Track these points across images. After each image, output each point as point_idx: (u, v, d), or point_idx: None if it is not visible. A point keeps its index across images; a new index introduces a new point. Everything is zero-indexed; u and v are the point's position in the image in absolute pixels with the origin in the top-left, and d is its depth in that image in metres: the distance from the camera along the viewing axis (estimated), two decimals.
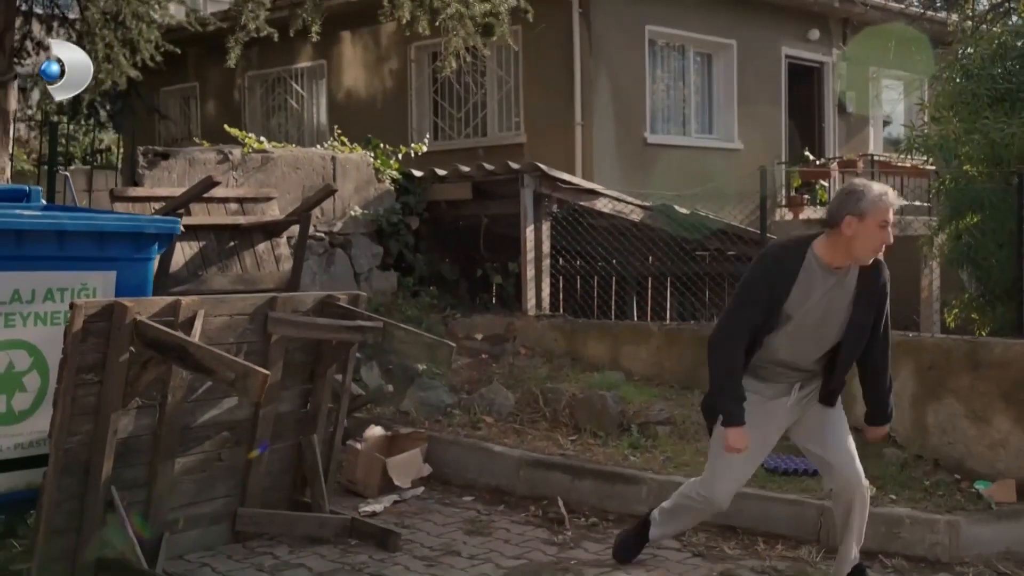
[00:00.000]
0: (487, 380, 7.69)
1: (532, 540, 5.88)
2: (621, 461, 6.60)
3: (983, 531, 5.88)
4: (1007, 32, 9.32)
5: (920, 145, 8.71)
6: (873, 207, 4.58)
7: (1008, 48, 8.92)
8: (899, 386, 6.79)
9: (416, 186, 9.01)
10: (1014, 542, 5.91)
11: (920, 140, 8.71)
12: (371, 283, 8.53)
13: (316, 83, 17.43)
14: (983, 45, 9.08)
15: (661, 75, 15.31)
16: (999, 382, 6.44)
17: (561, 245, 9.13)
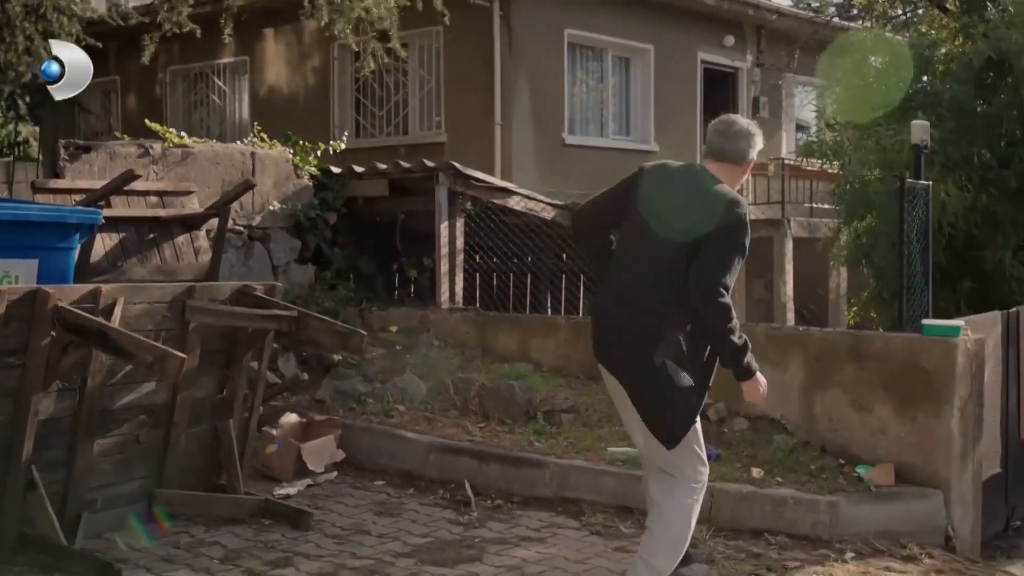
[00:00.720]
0: (401, 370, 7.95)
1: (439, 520, 6.16)
2: (526, 447, 6.92)
3: (862, 511, 6.30)
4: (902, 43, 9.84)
5: (815, 150, 9.17)
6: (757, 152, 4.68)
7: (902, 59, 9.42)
8: (789, 377, 7.23)
9: (334, 182, 9.25)
10: (891, 521, 6.34)
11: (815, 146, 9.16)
12: (289, 276, 8.76)
13: (239, 79, 17.49)
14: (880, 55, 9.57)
15: (580, 78, 15.67)
16: (880, 373, 6.88)
17: (477, 242, 9.44)
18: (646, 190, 4.54)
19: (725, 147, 4.58)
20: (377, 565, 5.34)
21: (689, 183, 4.55)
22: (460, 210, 8.94)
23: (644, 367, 4.42)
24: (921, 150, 7.48)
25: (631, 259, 4.53)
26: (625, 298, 4.49)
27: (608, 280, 4.68)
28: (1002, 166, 9.23)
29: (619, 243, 4.67)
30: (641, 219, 4.49)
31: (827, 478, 6.63)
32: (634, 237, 4.54)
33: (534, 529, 6.05)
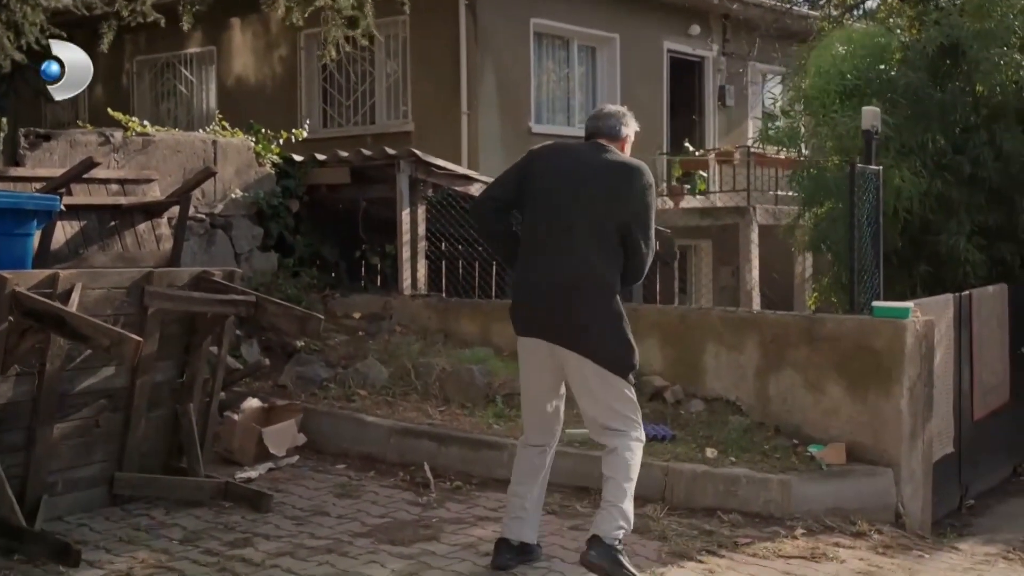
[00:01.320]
0: (363, 356, 8.03)
1: (398, 502, 6.25)
2: (485, 429, 7.02)
3: (813, 489, 6.44)
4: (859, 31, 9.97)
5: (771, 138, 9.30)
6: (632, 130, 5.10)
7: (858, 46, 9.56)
8: (744, 359, 7.38)
9: (296, 170, 9.30)
10: (841, 498, 6.49)
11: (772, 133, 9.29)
12: (252, 263, 8.81)
13: (205, 69, 17.45)
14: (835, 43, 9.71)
15: (546, 67, 15.73)
16: (832, 355, 7.02)
17: (441, 229, 9.51)
18: (552, 166, 4.86)
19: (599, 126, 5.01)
20: (335, 544, 5.42)
21: (593, 155, 4.87)
22: (422, 197, 9.01)
23: (600, 318, 4.73)
24: (872, 135, 7.61)
25: (557, 230, 4.74)
26: (564, 266, 4.72)
27: (532, 257, 4.84)
28: (956, 152, 9.38)
29: (532, 221, 4.84)
30: (556, 193, 4.75)
31: (780, 457, 6.77)
32: (551, 211, 4.75)
33: (491, 509, 6.14)
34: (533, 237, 4.84)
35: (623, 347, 4.82)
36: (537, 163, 4.91)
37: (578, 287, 4.72)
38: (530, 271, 4.86)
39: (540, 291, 4.81)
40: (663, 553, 5.47)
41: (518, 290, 4.97)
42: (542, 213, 4.78)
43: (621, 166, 4.82)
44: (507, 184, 4.93)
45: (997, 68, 8.91)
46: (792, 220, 10.93)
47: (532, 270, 4.85)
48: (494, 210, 4.96)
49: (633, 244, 4.77)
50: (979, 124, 9.41)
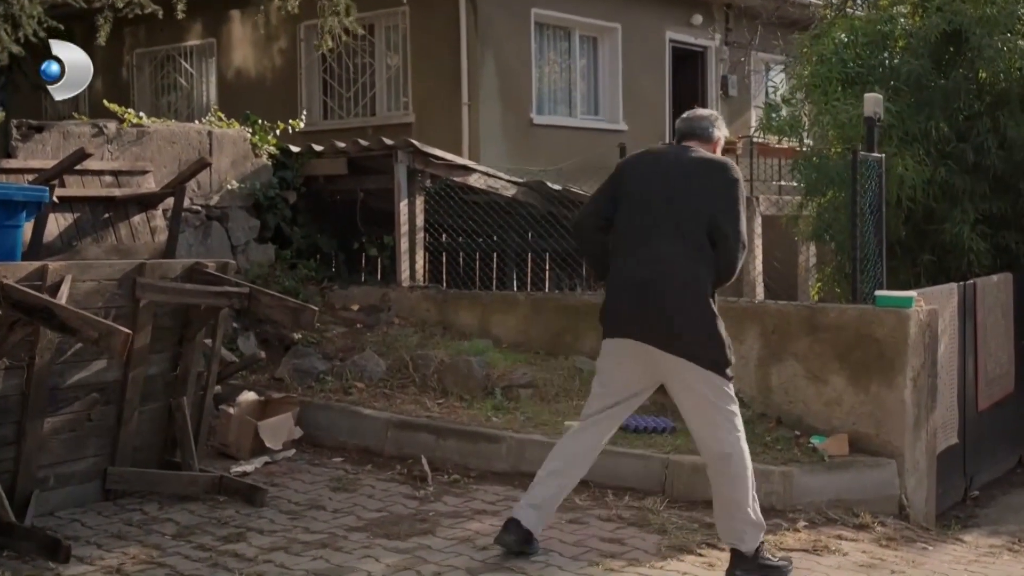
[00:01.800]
0: (360, 348, 7.96)
1: (395, 495, 6.19)
2: (484, 422, 6.95)
3: (815, 481, 6.35)
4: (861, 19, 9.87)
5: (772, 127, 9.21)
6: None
7: (860, 34, 9.45)
8: (745, 349, 7.28)
9: (293, 161, 9.22)
10: (844, 490, 6.41)
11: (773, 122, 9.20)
12: (248, 256, 8.73)
13: (205, 61, 17.37)
14: (837, 31, 9.60)
15: (548, 57, 15.62)
16: (834, 345, 6.93)
17: (441, 220, 9.43)
18: (640, 171, 4.95)
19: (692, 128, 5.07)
20: (329, 539, 5.36)
21: (679, 155, 4.94)
22: (420, 188, 8.93)
23: (692, 317, 4.74)
24: (873, 122, 7.51)
25: (646, 231, 4.81)
26: (655, 265, 4.76)
27: (623, 259, 4.88)
28: (960, 140, 9.28)
29: (623, 225, 4.90)
30: (645, 195, 4.85)
31: (782, 449, 6.69)
32: (640, 213, 4.84)
33: (489, 503, 6.08)
34: (624, 240, 4.90)
35: (716, 344, 4.80)
36: (626, 170, 5.03)
37: (670, 285, 4.74)
38: (622, 273, 4.90)
39: (632, 292, 4.84)
40: (663, 547, 5.40)
41: (610, 292, 4.98)
42: (632, 215, 4.87)
43: (705, 162, 4.87)
44: (603, 199, 5.02)
45: (1000, 55, 8.80)
46: (795, 209, 10.83)
47: (624, 272, 4.89)
48: (595, 227, 5.02)
49: (722, 239, 4.75)
50: (983, 111, 9.30)
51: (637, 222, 4.85)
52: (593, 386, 5.19)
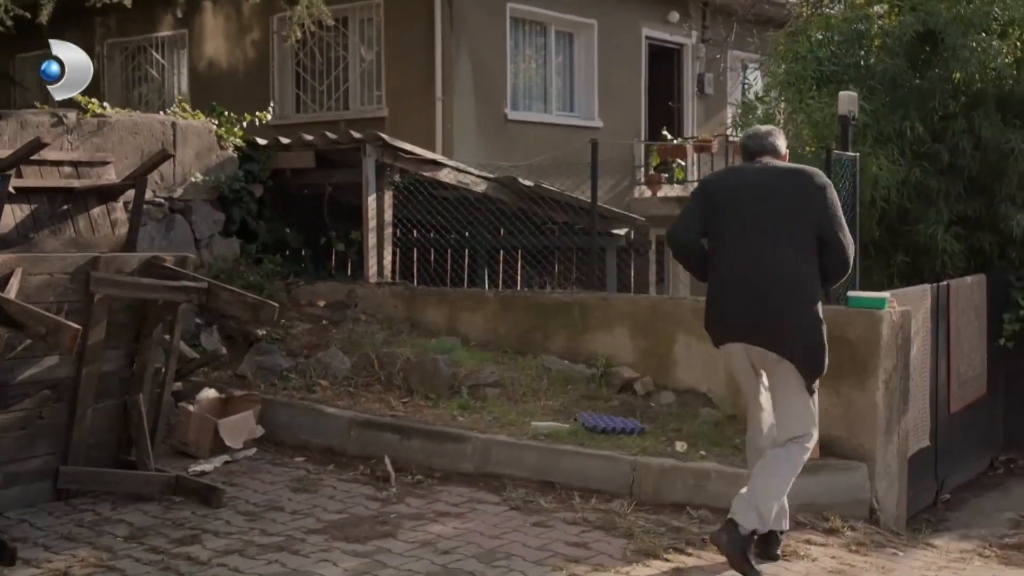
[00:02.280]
0: (326, 345, 7.81)
1: (357, 496, 6.05)
2: (449, 421, 6.81)
3: None
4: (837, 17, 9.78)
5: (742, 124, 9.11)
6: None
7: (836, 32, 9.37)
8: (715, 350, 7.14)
9: (260, 154, 9.04)
10: (814, 494, 6.28)
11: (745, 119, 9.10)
12: (212, 250, 8.56)
13: (177, 53, 17.17)
14: (813, 29, 9.51)
15: (523, 53, 15.49)
16: None
17: (411, 216, 9.29)
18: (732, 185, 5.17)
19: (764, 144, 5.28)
20: (286, 542, 5.22)
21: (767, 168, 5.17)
22: (388, 182, 8.78)
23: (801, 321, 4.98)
24: (848, 121, 7.42)
25: (753, 239, 4.98)
26: (773, 277, 4.95)
27: (728, 268, 5.06)
28: (935, 140, 9.22)
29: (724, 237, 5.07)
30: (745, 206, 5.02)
31: None
32: (743, 223, 5.01)
33: (453, 504, 5.95)
34: (727, 250, 5.07)
35: (821, 355, 5.05)
36: (714, 185, 5.26)
37: (784, 291, 4.95)
38: (730, 282, 5.07)
39: (745, 298, 5.00)
40: (628, 551, 5.28)
41: (717, 301, 5.15)
42: (733, 227, 5.03)
43: (798, 171, 5.15)
44: (695, 214, 5.15)
45: (975, 55, 8.72)
46: None
47: (732, 281, 5.06)
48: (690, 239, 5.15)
49: (832, 241, 4.97)
50: (958, 112, 9.23)
51: (741, 233, 5.01)
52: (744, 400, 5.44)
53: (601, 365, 7.44)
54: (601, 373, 7.39)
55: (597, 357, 7.53)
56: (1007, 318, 9.25)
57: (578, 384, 7.33)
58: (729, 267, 5.05)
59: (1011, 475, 9.37)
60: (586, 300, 7.78)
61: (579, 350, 7.65)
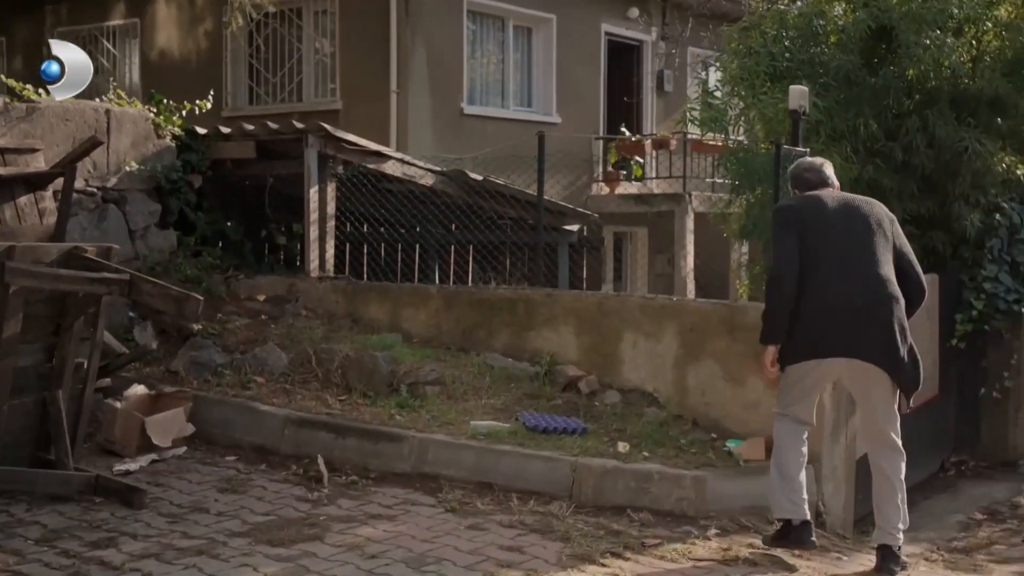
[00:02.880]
0: (264, 340, 7.57)
1: (287, 497, 5.84)
2: (386, 420, 6.61)
3: (729, 487, 6.11)
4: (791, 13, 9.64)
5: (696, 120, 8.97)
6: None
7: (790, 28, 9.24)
8: (662, 348, 7.03)
9: (200, 143, 8.77)
10: (759, 496, 6.13)
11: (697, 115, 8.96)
12: (148, 241, 8.29)
13: (129, 42, 16.87)
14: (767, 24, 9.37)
15: (480, 47, 15.31)
16: (753, 345, 6.63)
17: (356, 209, 9.05)
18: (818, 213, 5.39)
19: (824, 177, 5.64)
20: (207, 545, 5.01)
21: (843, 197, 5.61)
22: (331, 174, 8.54)
23: (901, 340, 5.30)
24: (799, 115, 7.28)
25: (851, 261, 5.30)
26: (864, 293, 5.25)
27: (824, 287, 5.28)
28: (889, 138, 9.09)
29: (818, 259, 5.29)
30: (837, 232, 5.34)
31: (696, 453, 6.43)
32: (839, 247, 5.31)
33: (386, 506, 5.76)
34: (822, 272, 5.28)
35: (919, 369, 5.44)
36: (805, 213, 5.41)
37: (889, 308, 5.25)
38: (835, 300, 5.27)
39: (850, 315, 5.24)
40: (564, 555, 5.12)
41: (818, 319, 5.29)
42: (834, 250, 5.29)
43: (870, 202, 5.60)
44: (793, 244, 5.30)
45: (928, 52, 8.59)
46: (724, 207, 10.61)
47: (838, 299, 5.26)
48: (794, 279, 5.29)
49: (911, 269, 5.46)
50: (912, 110, 9.11)
51: (835, 255, 5.28)
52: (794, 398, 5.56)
53: (545, 363, 7.26)
54: (545, 371, 7.21)
55: (542, 355, 7.35)
56: (959, 318, 9.17)
57: (521, 382, 7.15)
58: (836, 289, 5.25)
59: (962, 477, 9.29)
60: (531, 296, 7.59)
61: (524, 347, 7.47)
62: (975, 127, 9.02)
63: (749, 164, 8.83)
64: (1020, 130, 9.56)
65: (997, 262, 9.20)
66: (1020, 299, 9.23)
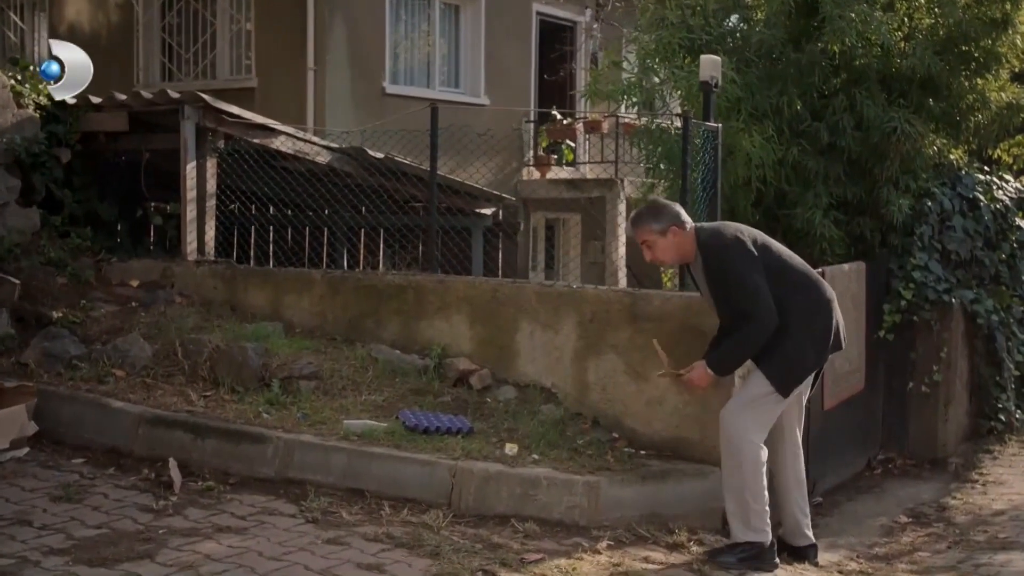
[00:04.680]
0: (129, 330, 6.91)
1: (128, 507, 5.21)
2: (252, 419, 5.98)
3: (626, 493, 5.58)
4: None
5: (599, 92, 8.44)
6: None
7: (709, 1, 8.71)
8: (561, 339, 6.47)
9: (68, 115, 8.05)
10: (659, 503, 5.66)
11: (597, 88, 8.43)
12: (6, 220, 7.56)
13: (37, 16, 16.07)
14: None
15: (405, 24, 14.71)
16: (657, 336, 6.12)
17: (236, 185, 8.38)
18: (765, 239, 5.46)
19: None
20: (16, 566, 4.37)
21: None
22: (211, 149, 7.86)
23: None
24: (710, 88, 6.72)
25: (818, 281, 5.48)
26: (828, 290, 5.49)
27: (815, 304, 5.35)
28: (815, 119, 8.59)
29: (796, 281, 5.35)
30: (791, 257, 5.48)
31: (593, 455, 5.88)
32: (804, 269, 5.46)
33: (240, 517, 5.15)
34: (807, 289, 5.34)
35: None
36: (757, 238, 5.38)
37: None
38: (822, 316, 5.33)
39: (834, 329, 5.40)
40: (429, 574, 4.52)
41: (820, 333, 5.32)
42: (801, 272, 5.40)
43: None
44: (766, 288, 5.17)
45: (852, 26, 8.04)
46: (646, 190, 10.07)
47: (823, 315, 5.34)
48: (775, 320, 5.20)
49: None
50: (839, 89, 8.60)
51: (806, 276, 5.40)
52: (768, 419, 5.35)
53: (436, 355, 6.67)
54: (435, 364, 6.62)
55: (433, 346, 6.76)
56: (887, 309, 8.69)
57: (408, 377, 6.54)
58: (818, 303, 5.32)
59: (889, 476, 8.80)
60: (421, 283, 6.98)
61: (414, 338, 6.87)
62: (905, 107, 8.53)
63: (665, 143, 8.28)
64: (952, 112, 9.09)
65: (927, 250, 8.74)
66: (950, 289, 8.77)
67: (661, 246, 5.31)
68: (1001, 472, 8.53)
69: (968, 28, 8.82)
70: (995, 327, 9.10)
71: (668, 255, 5.39)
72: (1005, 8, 8.85)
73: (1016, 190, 9.83)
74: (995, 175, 9.77)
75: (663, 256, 5.38)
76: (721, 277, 5.25)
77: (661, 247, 5.32)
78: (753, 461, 5.22)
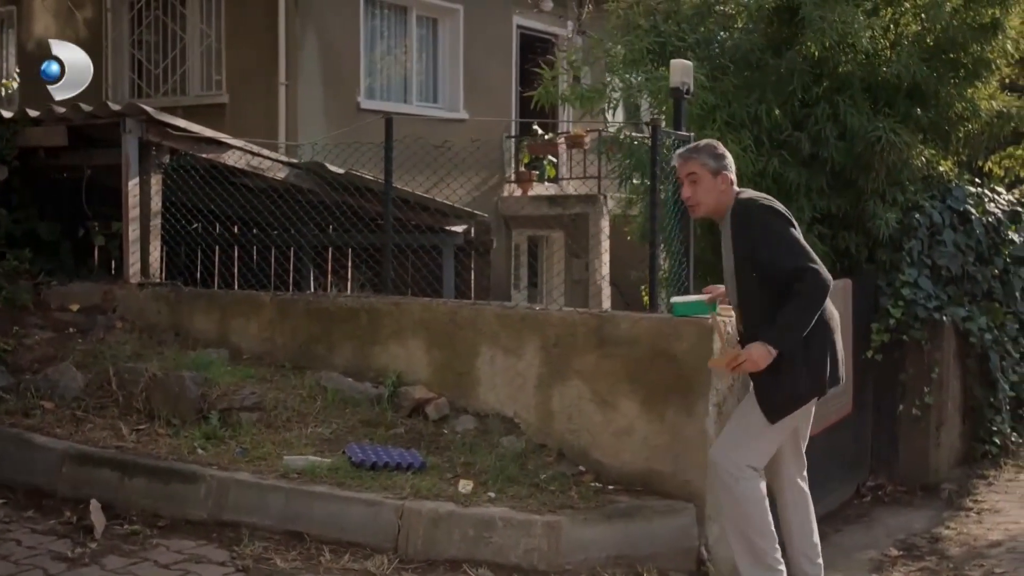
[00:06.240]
0: (63, 358, 6.46)
1: (42, 555, 4.76)
2: (186, 455, 5.53)
3: (590, 533, 5.14)
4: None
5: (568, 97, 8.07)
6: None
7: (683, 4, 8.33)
8: (523, 365, 6.05)
9: (5, 129, 7.65)
10: (627, 544, 5.21)
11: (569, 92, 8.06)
12: None
13: (4, 32, 15.82)
14: None
15: (381, 38, 14.36)
16: (626, 361, 5.72)
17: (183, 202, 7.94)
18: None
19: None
20: None
21: None
22: (156, 164, 7.43)
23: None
24: (681, 94, 6.30)
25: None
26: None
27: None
28: (796, 128, 8.18)
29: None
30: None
31: (556, 491, 5.44)
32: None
33: (164, 566, 4.70)
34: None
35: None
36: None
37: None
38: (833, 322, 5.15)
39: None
40: None
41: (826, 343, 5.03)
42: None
43: None
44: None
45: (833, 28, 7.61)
46: (626, 207, 9.66)
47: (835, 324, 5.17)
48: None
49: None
50: (821, 97, 8.18)
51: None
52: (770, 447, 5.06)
53: (390, 383, 6.22)
54: (389, 393, 6.18)
55: (387, 373, 6.31)
56: (875, 328, 8.27)
57: (359, 406, 6.10)
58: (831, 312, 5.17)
59: (879, 503, 8.38)
60: (376, 305, 6.53)
61: (368, 364, 6.43)
62: (890, 116, 8.12)
63: (636, 153, 7.86)
64: (940, 122, 8.68)
65: (916, 265, 8.33)
66: (941, 306, 8.36)
67: (706, 184, 4.97)
68: (997, 499, 8.10)
69: (956, 34, 8.42)
70: (988, 346, 8.68)
71: (709, 196, 4.99)
72: (995, 13, 8.46)
73: (1009, 202, 9.44)
74: (987, 187, 9.37)
75: (703, 196, 4.99)
76: (762, 236, 4.82)
77: (706, 185, 4.97)
78: (752, 493, 4.93)
